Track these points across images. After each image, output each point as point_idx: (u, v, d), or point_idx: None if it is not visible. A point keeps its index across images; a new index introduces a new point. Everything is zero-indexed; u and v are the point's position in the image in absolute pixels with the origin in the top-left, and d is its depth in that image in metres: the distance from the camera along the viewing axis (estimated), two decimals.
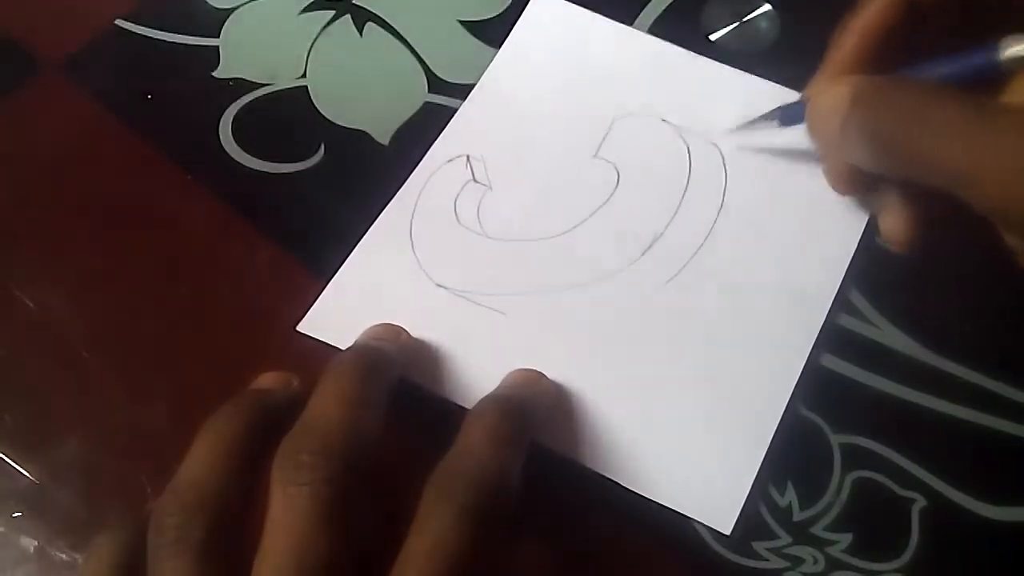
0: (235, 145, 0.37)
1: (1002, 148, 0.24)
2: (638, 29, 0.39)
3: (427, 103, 0.38)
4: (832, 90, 0.28)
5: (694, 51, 0.38)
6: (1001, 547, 0.29)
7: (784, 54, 0.38)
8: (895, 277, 0.33)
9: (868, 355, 0.32)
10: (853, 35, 0.28)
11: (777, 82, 0.37)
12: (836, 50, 0.29)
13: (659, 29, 0.39)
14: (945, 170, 0.25)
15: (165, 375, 0.33)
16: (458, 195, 0.36)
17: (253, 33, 0.40)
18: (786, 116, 0.33)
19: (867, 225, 0.34)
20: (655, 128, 0.37)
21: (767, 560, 0.29)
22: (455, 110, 0.38)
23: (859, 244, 0.34)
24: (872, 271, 0.33)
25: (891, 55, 0.28)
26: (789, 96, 0.36)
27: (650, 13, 0.39)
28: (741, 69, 0.37)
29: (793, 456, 0.30)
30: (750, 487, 0.30)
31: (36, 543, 0.31)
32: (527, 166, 0.36)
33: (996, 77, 0.26)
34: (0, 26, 0.41)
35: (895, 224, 0.30)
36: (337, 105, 0.38)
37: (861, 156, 0.28)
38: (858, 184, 0.31)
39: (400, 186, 0.36)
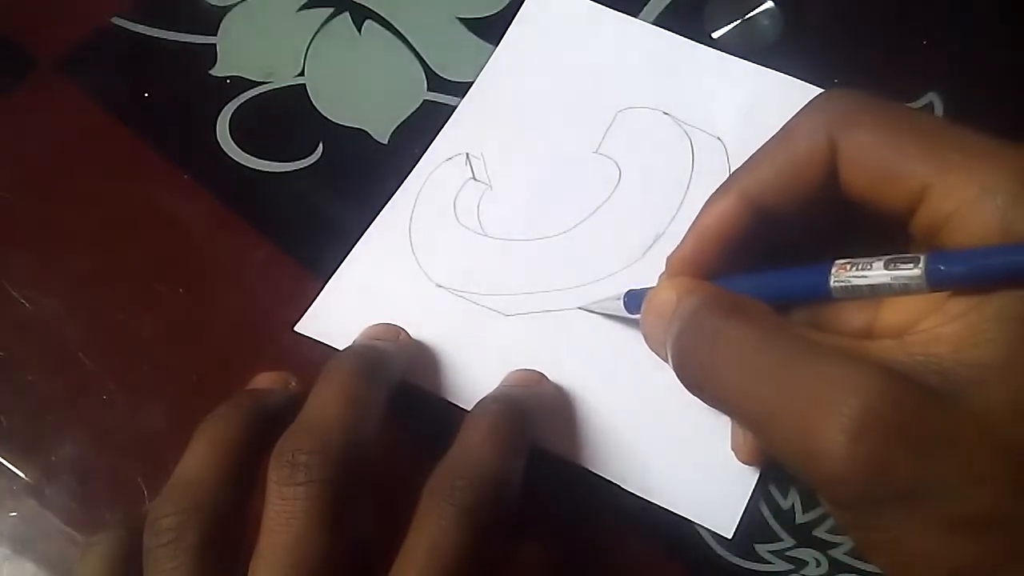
0: (232, 144, 0.37)
1: (799, 395, 0.20)
2: None
3: (426, 101, 0.38)
4: (661, 293, 0.25)
5: None
6: None
7: (786, 52, 0.37)
8: None
9: None
10: (690, 237, 0.26)
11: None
12: (676, 250, 0.26)
13: (660, 26, 0.38)
14: (744, 414, 0.22)
15: (161, 375, 0.33)
16: (457, 194, 0.35)
17: (250, 31, 0.40)
18: (632, 302, 0.30)
19: None
20: (658, 122, 0.36)
21: (770, 563, 0.29)
22: (455, 108, 0.37)
23: None
24: None
25: (741, 255, 0.25)
26: (796, 88, 0.36)
27: (651, 10, 0.39)
28: None
29: None
30: (752, 489, 0.30)
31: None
32: (527, 164, 0.36)
33: (828, 298, 0.23)
34: None
35: (741, 439, 0.28)
36: (335, 103, 0.38)
37: (678, 378, 0.24)
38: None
39: (399, 185, 0.36)
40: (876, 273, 0.21)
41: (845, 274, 0.22)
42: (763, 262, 0.25)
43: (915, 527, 0.19)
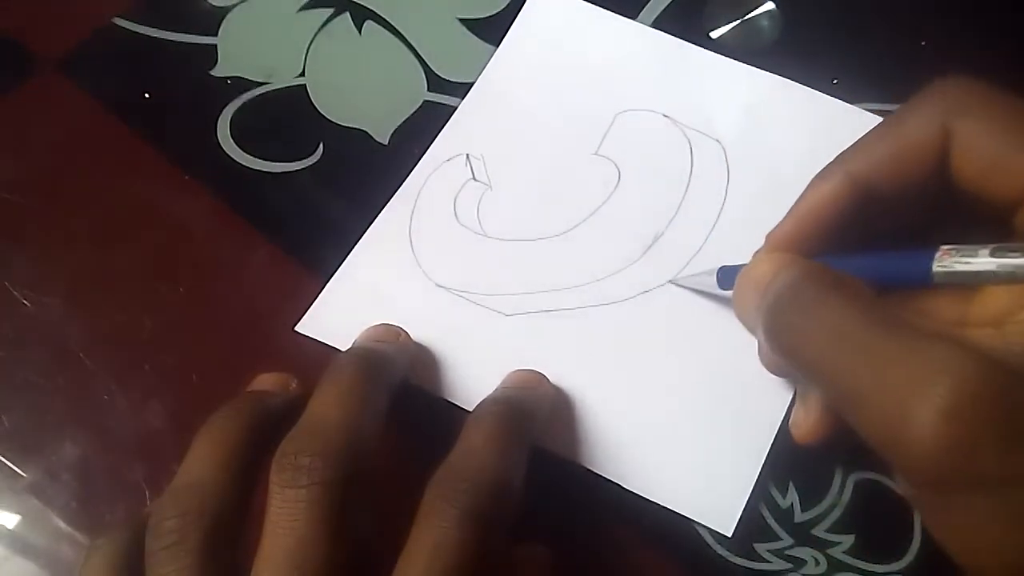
0: (233, 144, 0.37)
1: (894, 371, 0.19)
2: None
3: (426, 101, 0.38)
4: (759, 266, 0.25)
5: None
6: None
7: (785, 52, 0.38)
8: None
9: None
10: (792, 214, 0.26)
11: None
12: (777, 227, 0.26)
13: (660, 27, 0.38)
14: (833, 384, 0.21)
15: (163, 376, 0.33)
16: (458, 194, 0.35)
17: (251, 31, 0.40)
18: (725, 278, 0.30)
19: None
20: (657, 124, 0.36)
21: (769, 562, 0.29)
22: (455, 109, 0.37)
23: None
24: None
25: (841, 237, 0.25)
26: (794, 90, 0.36)
27: (651, 11, 0.39)
28: None
29: (795, 457, 0.30)
30: (751, 488, 0.30)
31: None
32: (527, 164, 0.36)
33: (929, 283, 0.23)
34: None
35: (803, 416, 0.27)
36: (336, 103, 0.38)
37: (767, 344, 0.24)
38: (782, 368, 0.28)
39: (399, 185, 0.36)
40: (981, 260, 0.21)
41: (950, 260, 0.22)
42: (858, 245, 0.25)
43: (993, 515, 0.18)
